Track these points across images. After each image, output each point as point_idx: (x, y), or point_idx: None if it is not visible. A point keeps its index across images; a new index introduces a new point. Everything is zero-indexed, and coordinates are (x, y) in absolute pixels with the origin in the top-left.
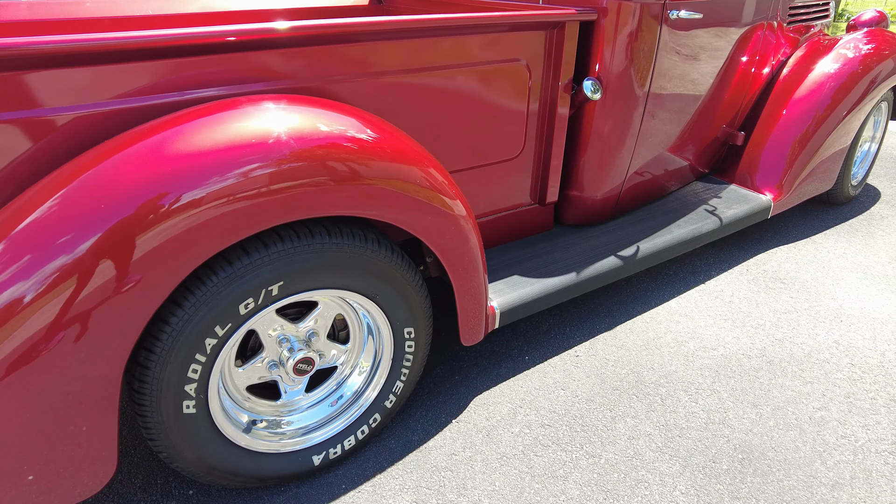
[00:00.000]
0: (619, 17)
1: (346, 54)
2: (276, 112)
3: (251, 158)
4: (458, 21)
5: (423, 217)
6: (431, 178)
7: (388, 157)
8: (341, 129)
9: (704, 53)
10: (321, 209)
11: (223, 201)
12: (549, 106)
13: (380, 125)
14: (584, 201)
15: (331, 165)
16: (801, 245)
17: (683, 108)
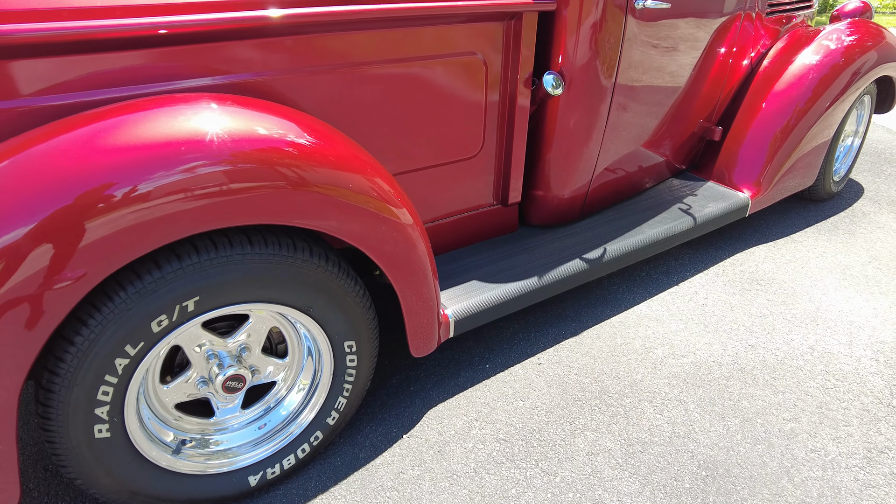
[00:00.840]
0: (582, 7)
1: (287, 47)
2: (203, 112)
3: (165, 161)
4: (407, 11)
5: (364, 227)
6: (375, 186)
7: (329, 163)
8: (275, 132)
9: (677, 45)
10: (246, 218)
11: (133, 208)
12: (509, 102)
13: (321, 129)
14: (550, 201)
15: (262, 170)
16: (781, 244)
17: (656, 102)
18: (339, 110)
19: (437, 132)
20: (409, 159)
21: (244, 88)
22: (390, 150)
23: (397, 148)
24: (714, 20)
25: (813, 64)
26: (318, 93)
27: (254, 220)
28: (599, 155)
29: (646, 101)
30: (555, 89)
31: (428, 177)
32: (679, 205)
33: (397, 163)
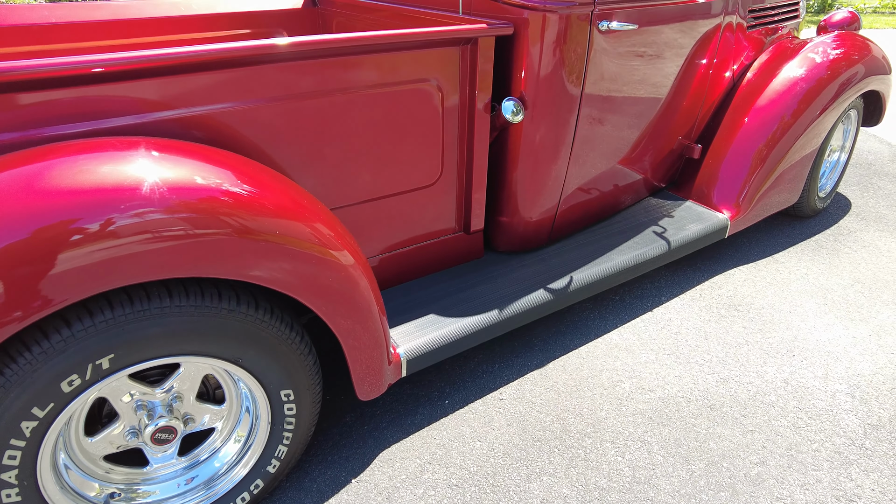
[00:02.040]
0: (542, 31)
1: (234, 80)
2: (115, 159)
3: (73, 213)
4: (354, 41)
5: (296, 274)
6: (310, 229)
7: (256, 209)
8: (198, 179)
9: (650, 63)
10: (160, 272)
11: (40, 264)
12: (468, 129)
13: (252, 172)
14: (516, 227)
15: (179, 221)
16: (762, 265)
17: (629, 121)
18: (287, 143)
19: (393, 161)
20: (363, 190)
21: (197, 122)
22: (343, 181)
23: (351, 179)
24: (689, 37)
25: (797, 79)
26: (265, 126)
27: (168, 275)
28: (566, 178)
29: (617, 121)
30: (514, 116)
31: (385, 206)
32: (654, 227)
33: (351, 194)
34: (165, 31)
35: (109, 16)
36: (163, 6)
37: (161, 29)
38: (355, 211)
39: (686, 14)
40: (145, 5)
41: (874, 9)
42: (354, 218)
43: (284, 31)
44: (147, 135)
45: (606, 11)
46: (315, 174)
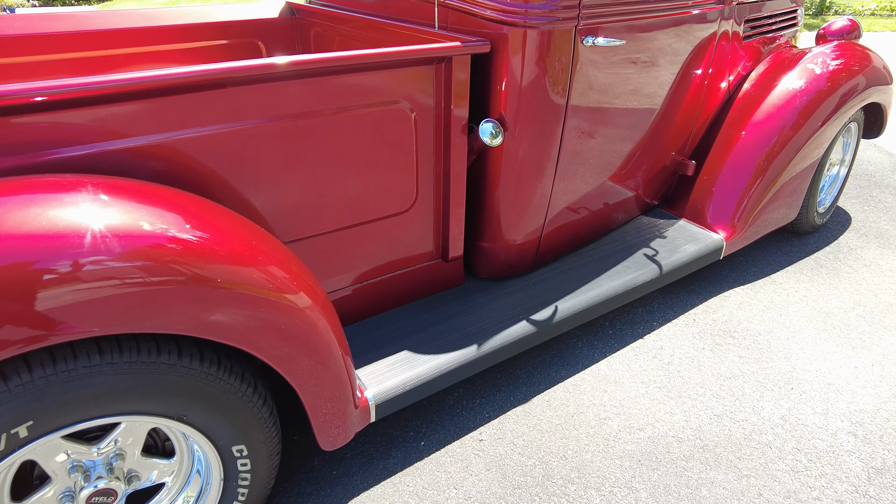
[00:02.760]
0: (523, 48)
1: (191, 106)
2: (42, 202)
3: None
4: (321, 63)
5: (242, 325)
6: (267, 275)
7: (208, 257)
8: (147, 226)
9: (640, 77)
10: (81, 329)
11: None
12: (444, 152)
13: (202, 214)
14: (497, 253)
15: (117, 273)
16: (759, 286)
17: (618, 138)
18: (248, 172)
19: (364, 188)
20: (332, 219)
21: (137, 155)
22: (310, 210)
23: (318, 207)
24: (682, 49)
25: (795, 91)
26: (224, 154)
27: (96, 333)
28: (551, 201)
29: (606, 138)
30: (493, 139)
31: (356, 235)
32: (645, 249)
33: (319, 223)
34: (140, 43)
35: (79, 26)
36: (137, 17)
37: (136, 40)
38: (324, 241)
39: (678, 26)
40: (118, 15)
41: (872, 11)
42: (323, 248)
43: (261, 41)
44: (94, 167)
45: (592, 26)
46: (279, 204)
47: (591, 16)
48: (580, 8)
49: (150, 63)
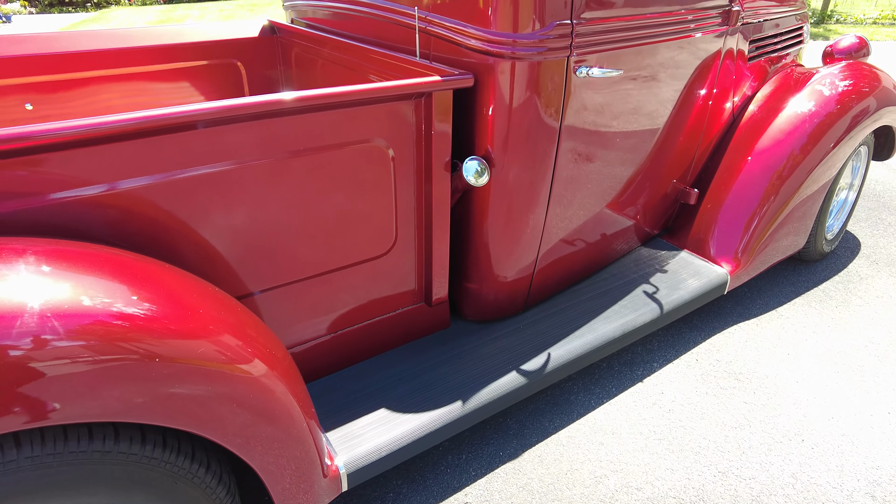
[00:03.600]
0: (511, 80)
1: (149, 151)
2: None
3: None
4: (289, 103)
5: (193, 404)
6: (216, 346)
7: (146, 332)
8: (76, 299)
9: (637, 105)
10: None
11: None
12: (426, 192)
13: (147, 279)
14: (485, 294)
15: (33, 355)
16: (765, 321)
17: (615, 168)
18: (211, 219)
19: (338, 231)
20: (304, 266)
21: (89, 206)
22: (279, 257)
23: (288, 254)
24: (683, 73)
25: (803, 116)
26: (186, 201)
27: (9, 428)
28: (543, 238)
29: (602, 169)
30: (479, 178)
31: (331, 282)
32: (644, 286)
33: (289, 271)
34: (114, 65)
35: (48, 49)
36: (116, 37)
37: (109, 62)
38: (296, 289)
39: (680, 49)
40: (89, 37)
41: (874, 20)
42: (295, 297)
43: (240, 62)
44: (40, 219)
45: (586, 55)
46: (245, 252)
47: (585, 44)
48: (573, 37)
49: (124, 86)
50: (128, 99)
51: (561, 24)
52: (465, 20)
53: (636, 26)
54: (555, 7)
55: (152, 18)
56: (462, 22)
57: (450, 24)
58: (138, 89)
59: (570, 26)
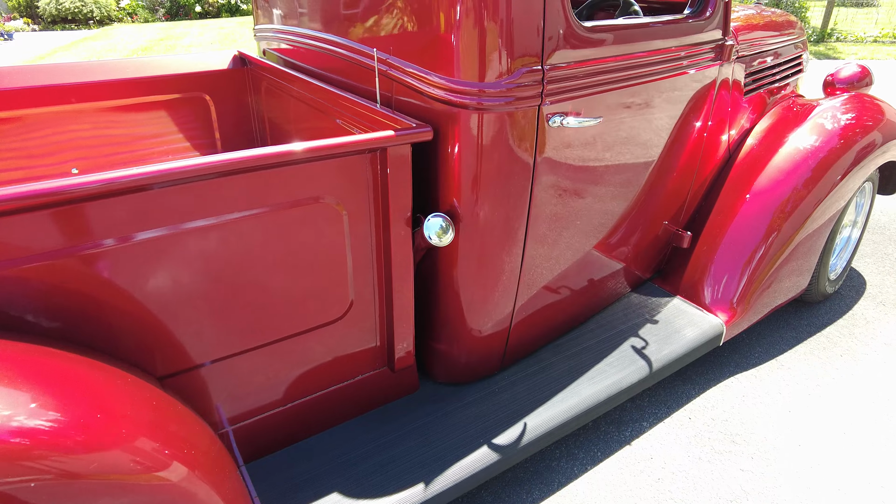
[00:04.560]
0: (479, 132)
1: (76, 218)
2: None
3: None
4: (229, 164)
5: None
6: (133, 455)
7: (43, 449)
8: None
9: (621, 147)
10: None
11: None
12: (384, 251)
13: (61, 384)
14: (456, 356)
15: None
16: (764, 372)
17: (599, 212)
18: (147, 288)
19: (286, 297)
20: (249, 335)
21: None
22: (222, 327)
23: (232, 324)
24: (672, 110)
25: (804, 154)
26: (120, 268)
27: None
28: (518, 291)
29: (583, 215)
30: (443, 236)
31: (280, 350)
32: (633, 339)
33: (234, 342)
34: (88, 98)
35: (18, 82)
36: (85, 71)
37: (83, 95)
38: (240, 361)
39: (670, 90)
40: (65, 69)
41: (874, 38)
42: (239, 369)
43: (208, 95)
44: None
45: (560, 102)
46: (183, 323)
47: (559, 91)
48: (544, 84)
49: (89, 119)
50: (95, 131)
51: (530, 70)
52: (426, 66)
53: (618, 68)
54: (523, 53)
55: (153, 36)
56: (423, 68)
57: (410, 70)
58: (106, 122)
59: (541, 73)
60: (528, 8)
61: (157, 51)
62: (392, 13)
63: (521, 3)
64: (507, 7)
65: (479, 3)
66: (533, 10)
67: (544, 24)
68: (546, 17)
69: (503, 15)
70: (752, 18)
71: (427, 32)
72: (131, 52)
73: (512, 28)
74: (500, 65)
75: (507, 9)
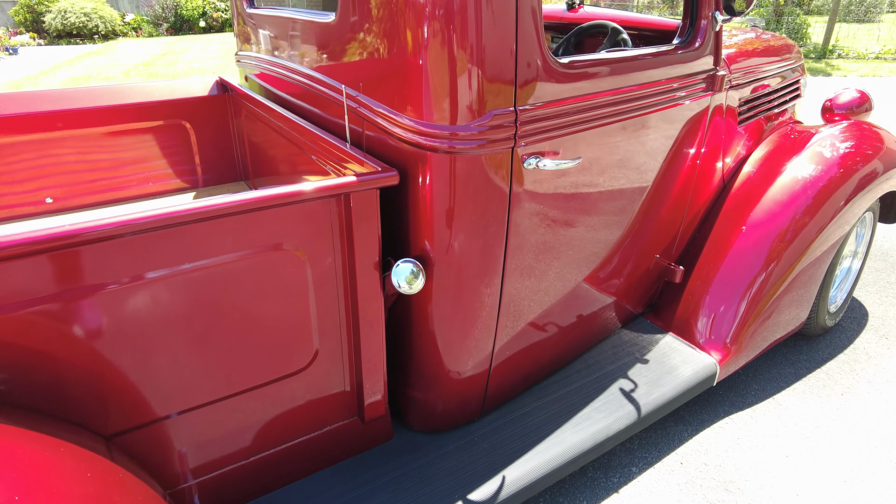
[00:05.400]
0: (451, 175)
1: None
2: None
3: None
4: (182, 215)
5: None
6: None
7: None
8: None
9: (606, 185)
10: None
11: None
12: (351, 298)
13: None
14: (432, 403)
15: None
16: (760, 412)
17: (584, 248)
18: (102, 339)
19: (246, 348)
20: (209, 387)
21: None
22: (180, 381)
23: (190, 377)
24: (660, 147)
25: (800, 186)
26: (74, 321)
27: None
28: (497, 332)
29: (566, 250)
30: (413, 283)
31: (242, 402)
32: (622, 381)
33: (191, 396)
34: (68, 125)
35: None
36: (66, 98)
37: (64, 123)
38: (200, 414)
39: (657, 123)
40: (46, 97)
41: (876, 55)
42: (199, 422)
43: (188, 122)
44: None
45: (536, 143)
46: (139, 376)
47: (534, 132)
48: (517, 126)
49: (61, 150)
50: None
51: (502, 112)
52: (394, 107)
53: (599, 105)
54: (494, 95)
55: (156, 51)
56: (391, 109)
57: (379, 110)
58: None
59: (514, 114)
60: (500, 48)
61: (158, 66)
62: (362, 52)
63: (493, 42)
64: (477, 47)
65: (447, 43)
66: (504, 49)
67: (517, 63)
68: (518, 57)
69: (473, 56)
70: (748, 44)
71: (395, 72)
72: (133, 67)
73: (483, 69)
74: (470, 107)
75: (478, 49)
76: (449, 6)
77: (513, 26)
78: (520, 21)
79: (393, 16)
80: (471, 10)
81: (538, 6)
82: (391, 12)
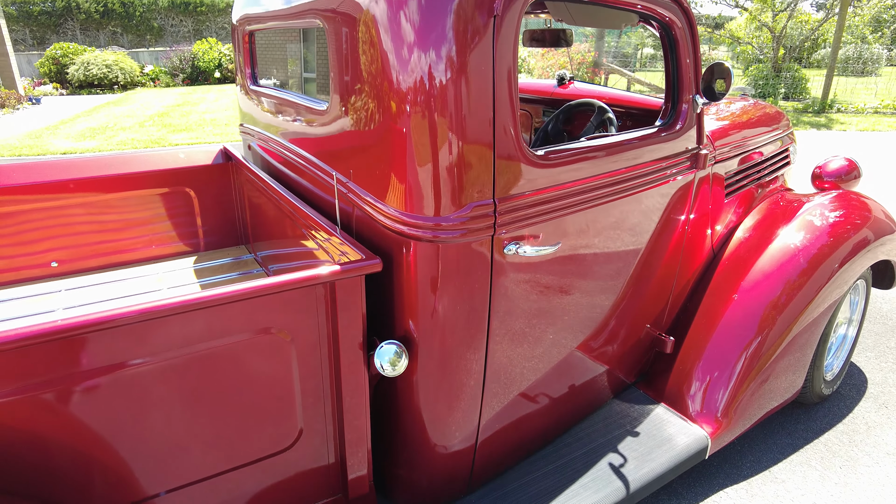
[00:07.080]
0: (436, 262)
1: None
2: None
3: None
4: (161, 308)
5: None
6: None
7: None
8: None
9: (591, 264)
10: None
11: None
12: (335, 379)
13: None
14: (417, 481)
15: None
16: (756, 486)
17: (571, 322)
18: (85, 425)
19: (229, 429)
20: (189, 469)
21: None
22: (162, 463)
23: (172, 459)
24: (645, 226)
25: (790, 256)
26: (55, 410)
27: None
28: (483, 408)
29: (553, 329)
30: (396, 364)
31: (224, 483)
32: (612, 455)
33: (173, 476)
34: (78, 191)
35: (4, 181)
36: (76, 167)
37: (72, 190)
38: (181, 495)
39: (640, 202)
40: (54, 166)
41: (875, 109)
42: (184, 503)
43: (192, 190)
44: None
45: (516, 230)
46: (119, 459)
47: (514, 220)
48: (496, 216)
49: (68, 216)
50: (81, 224)
51: (481, 204)
52: (380, 198)
53: (578, 191)
54: (474, 188)
55: (171, 102)
56: (377, 199)
57: (366, 198)
58: (91, 215)
59: (493, 205)
60: (478, 144)
61: (173, 116)
62: (351, 142)
63: (471, 138)
64: (457, 144)
65: (430, 141)
66: (482, 145)
67: (494, 158)
68: (496, 152)
69: (453, 152)
70: (735, 117)
71: (380, 165)
72: (148, 119)
73: (462, 164)
74: (451, 199)
75: (459, 146)
76: (429, 106)
77: (490, 124)
78: (496, 119)
79: (378, 112)
80: (451, 108)
81: (515, 105)
82: (376, 108)
